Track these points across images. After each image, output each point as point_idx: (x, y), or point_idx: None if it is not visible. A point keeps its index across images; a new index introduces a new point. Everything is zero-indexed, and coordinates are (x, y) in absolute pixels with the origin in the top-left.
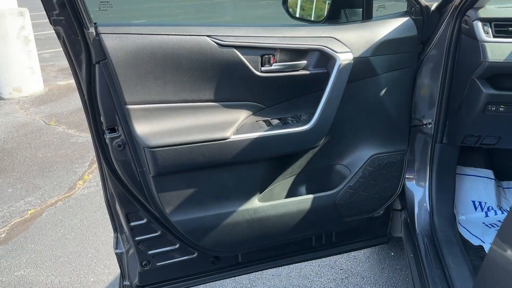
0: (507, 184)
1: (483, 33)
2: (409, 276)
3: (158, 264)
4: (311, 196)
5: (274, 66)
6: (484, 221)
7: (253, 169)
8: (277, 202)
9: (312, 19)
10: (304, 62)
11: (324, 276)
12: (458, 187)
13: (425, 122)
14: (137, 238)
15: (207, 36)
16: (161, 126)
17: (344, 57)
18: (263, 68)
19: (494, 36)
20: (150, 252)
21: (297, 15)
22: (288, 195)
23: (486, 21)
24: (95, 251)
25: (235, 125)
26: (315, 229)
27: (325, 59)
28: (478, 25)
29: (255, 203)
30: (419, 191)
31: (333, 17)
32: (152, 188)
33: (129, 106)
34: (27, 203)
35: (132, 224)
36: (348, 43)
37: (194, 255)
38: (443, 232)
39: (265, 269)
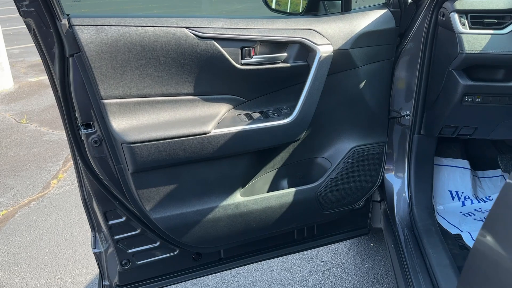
0: (482, 173)
1: (459, 25)
2: (389, 266)
3: (139, 262)
4: (293, 189)
5: (255, 59)
6: (461, 210)
7: (234, 164)
8: (259, 196)
9: (288, 11)
10: (285, 54)
11: (306, 268)
12: (436, 177)
13: (403, 114)
14: (116, 237)
15: (186, 27)
16: (139, 121)
17: (324, 49)
18: (243, 61)
19: (470, 28)
20: (130, 250)
21: (274, 7)
22: (270, 189)
23: (462, 13)
24: (71, 251)
25: (216, 119)
26: (297, 222)
27: (305, 51)
28: (455, 17)
29: (237, 198)
30: (398, 182)
31: (312, 9)
32: (131, 185)
33: (105, 101)
34: None
35: (110, 222)
36: (328, 35)
37: (176, 252)
38: (422, 222)
39: (248, 264)
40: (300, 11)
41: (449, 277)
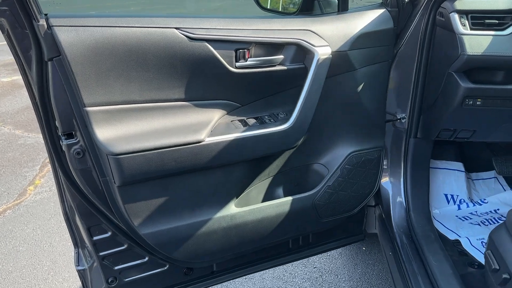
0: (476, 175)
1: (460, 25)
2: (383, 271)
3: (126, 280)
4: (289, 198)
5: (249, 62)
6: (457, 214)
7: (229, 173)
8: (254, 206)
9: (268, 7)
10: (281, 57)
11: (298, 276)
12: (431, 180)
13: (399, 117)
14: (101, 253)
15: (176, 28)
16: (126, 130)
17: (323, 51)
18: (237, 64)
19: (471, 29)
20: (116, 267)
21: (268, 7)
22: (266, 198)
23: (462, 13)
24: (51, 263)
25: (209, 127)
26: (293, 232)
27: (302, 53)
28: (455, 17)
29: (231, 209)
30: (394, 186)
31: (307, 9)
32: (118, 199)
33: (89, 109)
34: None
35: (95, 238)
36: (325, 36)
37: (165, 268)
38: (420, 228)
39: (242, 276)
40: (280, 9)
41: (452, 286)
